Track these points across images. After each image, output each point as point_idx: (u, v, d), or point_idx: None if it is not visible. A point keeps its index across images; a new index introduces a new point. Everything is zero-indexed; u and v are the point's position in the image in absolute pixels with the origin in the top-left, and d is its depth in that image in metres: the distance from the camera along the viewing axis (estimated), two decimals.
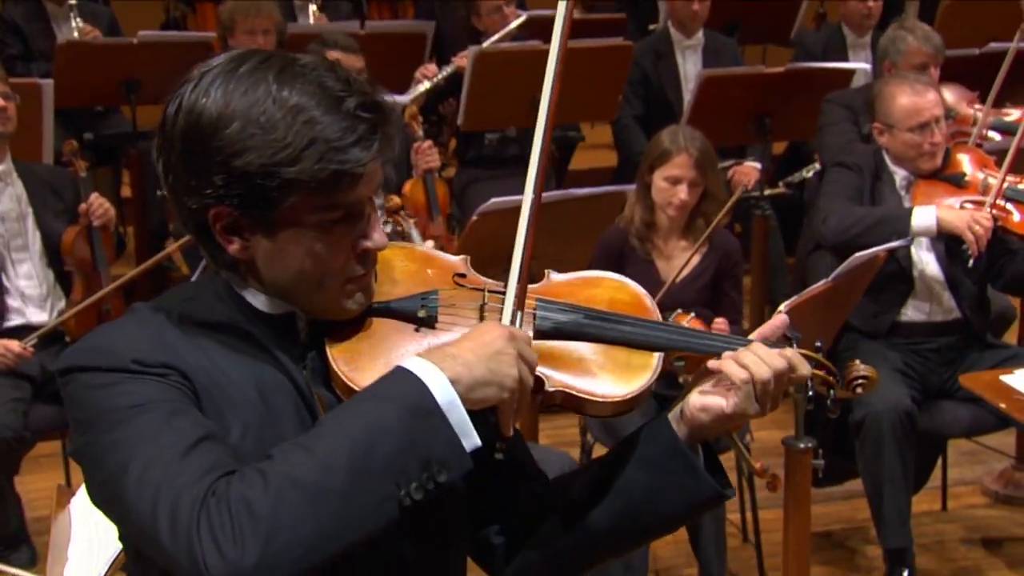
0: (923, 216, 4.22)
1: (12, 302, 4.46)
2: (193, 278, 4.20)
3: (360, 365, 1.70)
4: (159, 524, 1.52)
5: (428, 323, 1.76)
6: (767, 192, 5.82)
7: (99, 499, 1.68)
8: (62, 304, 4.56)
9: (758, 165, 6.11)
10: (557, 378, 1.77)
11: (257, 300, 1.75)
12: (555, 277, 1.94)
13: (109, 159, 6.84)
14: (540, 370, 1.72)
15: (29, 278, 4.50)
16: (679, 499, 1.82)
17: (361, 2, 7.19)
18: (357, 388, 1.66)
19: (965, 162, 4.49)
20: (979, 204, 4.31)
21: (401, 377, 1.57)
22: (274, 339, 1.74)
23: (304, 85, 1.64)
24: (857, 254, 3.83)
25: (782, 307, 3.34)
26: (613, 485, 1.83)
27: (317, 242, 1.67)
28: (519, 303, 1.72)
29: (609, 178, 6.65)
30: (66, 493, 2.98)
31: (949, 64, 5.25)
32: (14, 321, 4.42)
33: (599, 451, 4.16)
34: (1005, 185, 4.31)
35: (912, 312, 4.41)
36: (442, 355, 1.59)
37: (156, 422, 1.59)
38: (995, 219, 4.25)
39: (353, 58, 5.32)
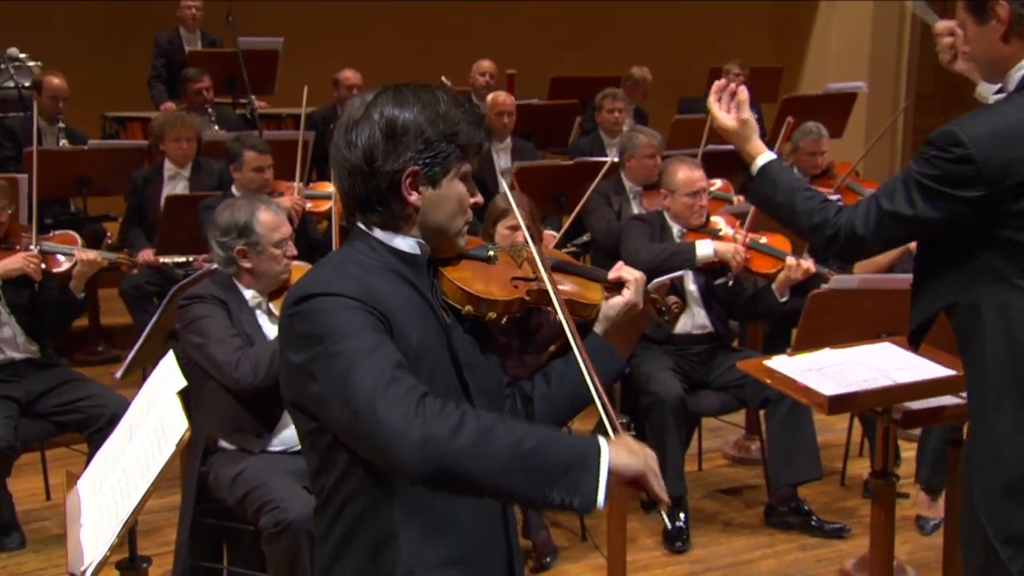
0: (704, 247, 4.43)
1: None
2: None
3: (469, 281, 1.95)
4: (377, 406, 1.67)
5: (492, 261, 2.03)
6: (563, 251, 5.94)
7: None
8: (35, 348, 4.33)
9: (555, 234, 6.25)
10: (567, 291, 2.06)
11: (405, 244, 1.92)
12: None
13: None
14: (560, 290, 2.01)
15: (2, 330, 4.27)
16: (609, 374, 2.06)
17: (255, 119, 7.14)
18: (471, 291, 1.93)
19: (721, 222, 4.66)
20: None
21: (593, 442, 1.73)
22: (413, 274, 1.92)
23: (450, 95, 1.90)
24: (653, 282, 3.97)
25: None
26: (566, 375, 2.06)
27: (461, 188, 1.92)
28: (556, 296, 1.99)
29: None
30: (73, 476, 2.89)
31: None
32: None
33: None
34: (748, 239, 4.50)
35: (681, 325, 4.54)
36: (622, 448, 1.74)
37: (369, 343, 1.74)
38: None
39: (266, 157, 5.28)
